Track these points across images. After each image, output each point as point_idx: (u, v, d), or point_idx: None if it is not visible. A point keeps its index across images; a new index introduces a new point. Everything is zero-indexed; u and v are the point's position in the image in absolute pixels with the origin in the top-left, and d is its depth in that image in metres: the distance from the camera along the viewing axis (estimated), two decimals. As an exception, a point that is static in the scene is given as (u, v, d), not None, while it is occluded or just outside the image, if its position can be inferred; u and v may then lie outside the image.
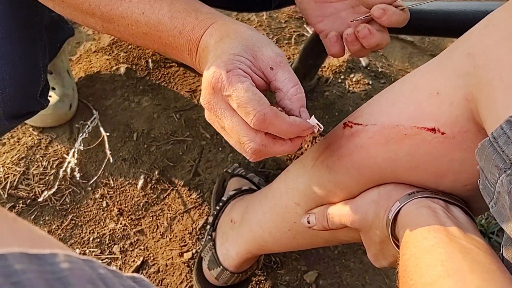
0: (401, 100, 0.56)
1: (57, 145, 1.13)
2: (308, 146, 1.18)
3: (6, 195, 1.06)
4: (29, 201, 1.06)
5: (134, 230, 1.05)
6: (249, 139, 0.51)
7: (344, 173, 0.60)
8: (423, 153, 0.54)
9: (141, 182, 1.10)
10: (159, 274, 1.01)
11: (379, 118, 0.57)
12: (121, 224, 1.06)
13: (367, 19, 0.66)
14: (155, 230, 1.06)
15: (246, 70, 0.51)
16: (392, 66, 1.39)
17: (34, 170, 1.10)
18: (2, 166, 1.09)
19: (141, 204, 1.08)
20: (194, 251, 1.04)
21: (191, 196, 1.10)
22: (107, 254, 1.02)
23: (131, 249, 1.04)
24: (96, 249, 1.03)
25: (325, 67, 1.33)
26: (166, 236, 1.05)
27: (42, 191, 1.07)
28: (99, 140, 1.14)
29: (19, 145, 1.13)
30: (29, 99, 0.80)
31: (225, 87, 0.50)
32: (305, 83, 1.25)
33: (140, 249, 1.04)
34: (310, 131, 0.53)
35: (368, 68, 1.35)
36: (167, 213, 1.08)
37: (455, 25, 0.55)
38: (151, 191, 1.10)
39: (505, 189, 0.44)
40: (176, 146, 1.16)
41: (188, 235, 1.06)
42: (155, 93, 1.23)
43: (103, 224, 1.06)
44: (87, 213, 1.07)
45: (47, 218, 1.05)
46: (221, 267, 0.86)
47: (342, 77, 1.32)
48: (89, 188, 1.09)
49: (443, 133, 0.52)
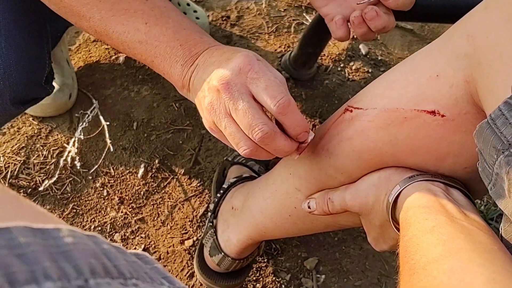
0: (400, 84, 0.56)
1: (57, 134, 1.14)
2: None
3: (7, 185, 1.06)
4: (30, 190, 1.07)
5: (135, 218, 1.06)
6: (262, 121, 0.53)
7: (345, 158, 0.60)
8: (423, 136, 0.54)
9: (141, 171, 1.10)
10: (160, 261, 1.02)
11: (379, 102, 0.57)
12: (122, 212, 1.06)
13: (373, 1, 0.66)
14: (156, 218, 1.06)
15: (268, 65, 0.56)
16: (392, 54, 1.39)
17: (34, 159, 1.10)
18: (3, 156, 1.09)
19: (142, 193, 1.09)
20: (195, 238, 1.04)
21: (191, 184, 1.11)
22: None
23: (132, 237, 1.04)
24: (97, 238, 1.03)
25: (324, 55, 1.33)
26: (167, 224, 1.06)
27: (43, 180, 1.08)
28: (99, 129, 1.14)
29: (19, 134, 1.13)
30: (35, 84, 0.80)
31: (255, 70, 0.53)
32: (305, 72, 1.25)
33: (141, 237, 1.04)
34: (307, 133, 0.57)
35: (368, 56, 1.35)
36: (167, 201, 1.08)
37: (460, 10, 0.55)
38: (152, 180, 1.10)
39: (503, 170, 0.44)
40: (176, 135, 1.16)
41: (189, 223, 1.06)
42: (154, 82, 1.23)
43: (104, 213, 1.06)
44: (88, 201, 1.07)
45: (48, 207, 1.05)
46: (222, 253, 0.86)
47: (342, 65, 1.32)
48: (90, 177, 1.09)
49: (443, 116, 0.53)
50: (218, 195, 0.92)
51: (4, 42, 0.73)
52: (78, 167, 1.10)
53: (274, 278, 1.02)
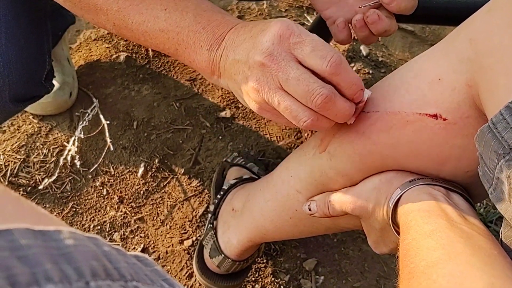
0: (403, 87, 0.56)
1: (57, 133, 1.13)
2: (308, 136, 1.18)
3: (6, 183, 1.06)
4: (29, 188, 1.06)
5: (135, 217, 1.06)
6: (319, 85, 0.50)
7: (346, 160, 0.60)
8: (425, 139, 0.54)
9: (141, 170, 1.10)
10: (159, 261, 1.02)
11: (381, 104, 0.57)
12: (121, 211, 1.06)
13: (375, 5, 0.66)
14: (155, 218, 1.06)
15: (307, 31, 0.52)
16: (393, 55, 1.39)
17: (34, 157, 1.10)
18: (3, 154, 1.09)
19: (142, 192, 1.08)
20: (194, 238, 1.04)
21: (191, 184, 1.11)
22: (108, 241, 1.02)
23: (131, 236, 1.04)
24: (96, 237, 1.03)
25: (325, 56, 1.33)
26: (167, 224, 1.06)
27: (43, 179, 1.08)
28: (99, 128, 1.14)
29: (19, 132, 1.13)
30: (35, 82, 0.80)
31: (296, 34, 0.50)
32: (306, 73, 1.25)
33: (141, 236, 1.04)
34: (363, 91, 0.54)
35: (369, 58, 1.35)
36: (167, 201, 1.08)
37: (462, 13, 0.55)
38: (151, 179, 1.10)
39: (503, 174, 0.44)
40: (176, 134, 1.16)
41: (188, 223, 1.06)
42: (155, 82, 1.23)
43: (104, 212, 1.06)
44: (87, 200, 1.07)
45: (47, 205, 1.05)
46: (222, 255, 0.86)
47: (343, 66, 1.32)
48: (90, 176, 1.09)
49: (445, 119, 0.53)
50: (218, 196, 0.92)
51: (4, 40, 0.73)
52: (78, 166, 1.10)
53: (273, 279, 1.02)
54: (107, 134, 1.13)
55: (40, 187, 1.07)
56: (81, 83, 1.20)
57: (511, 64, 0.45)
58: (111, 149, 1.12)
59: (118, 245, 1.01)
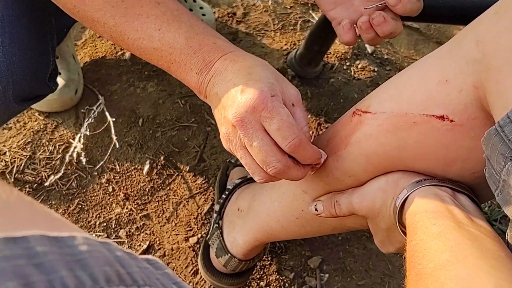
0: (410, 88, 0.56)
1: (63, 130, 1.14)
2: (313, 133, 1.19)
3: (12, 179, 1.07)
4: (35, 185, 1.07)
5: (140, 214, 1.06)
6: (276, 159, 0.56)
7: (352, 161, 0.60)
8: (431, 141, 0.54)
9: (146, 168, 1.11)
10: (165, 258, 1.02)
11: (388, 106, 0.57)
12: (127, 208, 1.07)
13: (381, 7, 0.66)
14: (160, 215, 1.07)
15: (281, 100, 0.56)
16: (398, 53, 1.38)
17: (40, 154, 1.10)
18: (9, 151, 1.10)
19: (147, 189, 1.09)
20: (200, 235, 1.04)
21: (196, 181, 1.11)
22: (114, 238, 1.03)
23: (137, 233, 1.04)
24: (102, 233, 1.03)
25: (330, 53, 1.33)
26: (172, 221, 1.06)
27: (49, 176, 1.08)
28: (105, 125, 1.14)
29: (25, 129, 1.13)
30: (38, 82, 0.80)
31: (268, 109, 0.54)
32: (311, 70, 1.25)
33: (146, 233, 1.05)
34: (320, 159, 0.60)
35: (374, 55, 1.35)
36: (172, 198, 1.09)
37: (468, 12, 0.55)
38: (157, 176, 1.10)
39: (510, 177, 0.44)
40: (181, 132, 1.16)
41: (194, 220, 1.06)
42: (160, 79, 1.23)
43: (109, 209, 1.06)
44: (93, 197, 1.07)
45: (53, 202, 1.06)
46: (229, 254, 0.86)
47: (348, 63, 1.32)
48: (95, 173, 1.10)
49: (452, 121, 0.53)
50: (223, 196, 0.92)
51: (7, 40, 0.73)
52: (84, 163, 1.10)
53: (278, 277, 1.02)
54: (112, 131, 1.13)
55: (46, 184, 1.07)
56: (86, 80, 1.21)
57: None
58: (117, 146, 1.12)
59: (124, 241, 1.02)
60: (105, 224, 1.05)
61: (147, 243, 1.03)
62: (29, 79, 0.77)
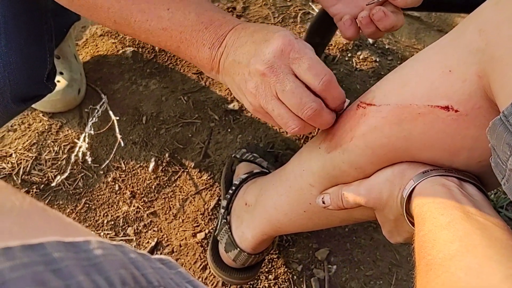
0: (413, 79, 0.56)
1: (67, 130, 1.14)
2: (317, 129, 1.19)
3: (19, 181, 1.07)
4: (42, 186, 1.08)
5: (147, 212, 1.07)
6: (311, 99, 0.56)
7: (358, 154, 0.60)
8: (437, 131, 0.54)
9: (152, 165, 1.11)
10: (173, 254, 1.03)
11: (392, 97, 0.57)
12: (134, 206, 1.07)
13: (382, 1, 0.65)
14: (167, 212, 1.07)
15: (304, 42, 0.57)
16: (399, 42, 1.38)
17: (46, 155, 1.11)
18: (15, 152, 1.10)
19: (153, 187, 1.09)
20: (207, 231, 1.05)
21: (201, 177, 1.11)
22: (122, 236, 1.04)
23: (145, 230, 1.05)
24: (110, 232, 1.04)
25: (332, 45, 1.32)
26: (179, 217, 1.07)
27: (55, 176, 1.09)
28: (109, 124, 1.15)
29: (30, 131, 1.14)
30: (36, 82, 0.80)
31: (296, 49, 0.55)
32: (312, 62, 1.25)
33: (154, 230, 1.05)
34: (345, 102, 0.61)
35: (375, 45, 1.35)
36: (178, 194, 1.09)
37: (469, 1, 0.55)
38: (162, 174, 1.11)
39: (517, 166, 0.44)
40: (185, 128, 1.16)
41: (200, 216, 1.07)
42: (162, 76, 1.23)
43: (116, 207, 1.07)
44: (100, 196, 1.08)
45: (61, 202, 1.06)
46: (238, 249, 0.87)
47: (349, 55, 1.32)
48: (101, 172, 1.10)
49: (456, 111, 0.53)
50: (230, 191, 0.93)
51: (4, 41, 0.73)
52: (90, 162, 1.11)
53: (286, 269, 1.03)
54: (117, 129, 1.13)
55: (53, 184, 1.08)
56: (88, 79, 1.21)
57: None
58: (122, 144, 1.12)
59: (132, 239, 1.02)
60: (112, 222, 1.05)
61: (155, 240, 1.04)
62: (26, 79, 0.77)
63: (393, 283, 1.04)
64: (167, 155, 1.12)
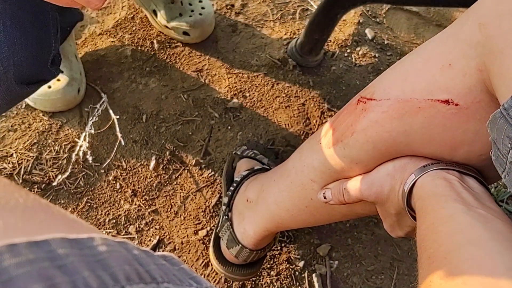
0: (413, 74, 0.56)
1: (68, 129, 1.14)
2: (316, 122, 1.19)
3: (21, 181, 1.07)
4: (43, 185, 1.08)
5: (149, 210, 1.07)
6: None
7: (359, 148, 0.60)
8: (437, 125, 0.54)
9: (153, 163, 1.11)
10: (175, 252, 1.03)
11: (393, 92, 0.57)
12: (135, 204, 1.07)
13: None
14: (169, 210, 1.07)
15: None
16: (398, 37, 1.38)
17: (47, 155, 1.11)
18: (15, 152, 1.10)
19: (154, 185, 1.09)
20: (209, 228, 1.05)
21: (202, 175, 1.11)
22: (124, 235, 1.04)
23: (146, 228, 1.05)
24: (112, 230, 1.04)
25: (331, 41, 1.32)
26: (180, 215, 1.07)
27: (56, 175, 1.09)
28: (109, 123, 1.15)
29: (30, 130, 1.14)
30: (40, 65, 0.80)
31: None
32: (311, 58, 1.25)
33: (156, 228, 1.05)
34: None
35: (374, 41, 1.35)
36: (180, 192, 1.09)
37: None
38: (163, 172, 1.11)
39: (517, 159, 0.44)
40: (185, 126, 1.16)
41: (202, 213, 1.07)
42: (161, 74, 1.23)
43: (118, 206, 1.07)
44: (101, 195, 1.08)
45: (62, 201, 1.07)
46: (240, 245, 0.87)
47: (348, 50, 1.32)
48: (102, 171, 1.10)
49: (457, 105, 0.53)
50: (232, 188, 0.93)
51: (9, 21, 0.72)
52: (90, 161, 1.11)
53: (288, 265, 1.03)
54: (117, 128, 1.13)
55: (54, 183, 1.08)
56: (88, 78, 1.21)
57: None
58: (122, 143, 1.12)
59: (134, 237, 1.03)
60: (114, 221, 1.05)
61: (157, 238, 1.04)
62: (30, 61, 0.77)
63: (394, 277, 1.04)
64: (167, 153, 1.12)
